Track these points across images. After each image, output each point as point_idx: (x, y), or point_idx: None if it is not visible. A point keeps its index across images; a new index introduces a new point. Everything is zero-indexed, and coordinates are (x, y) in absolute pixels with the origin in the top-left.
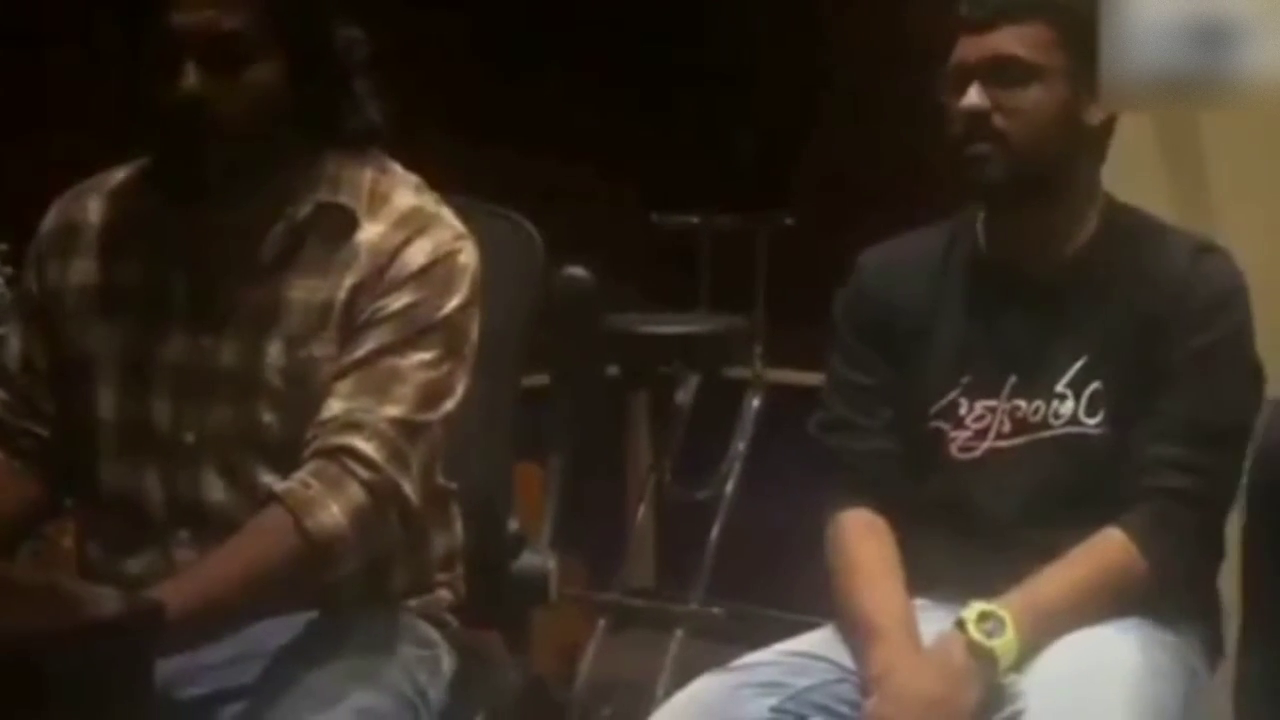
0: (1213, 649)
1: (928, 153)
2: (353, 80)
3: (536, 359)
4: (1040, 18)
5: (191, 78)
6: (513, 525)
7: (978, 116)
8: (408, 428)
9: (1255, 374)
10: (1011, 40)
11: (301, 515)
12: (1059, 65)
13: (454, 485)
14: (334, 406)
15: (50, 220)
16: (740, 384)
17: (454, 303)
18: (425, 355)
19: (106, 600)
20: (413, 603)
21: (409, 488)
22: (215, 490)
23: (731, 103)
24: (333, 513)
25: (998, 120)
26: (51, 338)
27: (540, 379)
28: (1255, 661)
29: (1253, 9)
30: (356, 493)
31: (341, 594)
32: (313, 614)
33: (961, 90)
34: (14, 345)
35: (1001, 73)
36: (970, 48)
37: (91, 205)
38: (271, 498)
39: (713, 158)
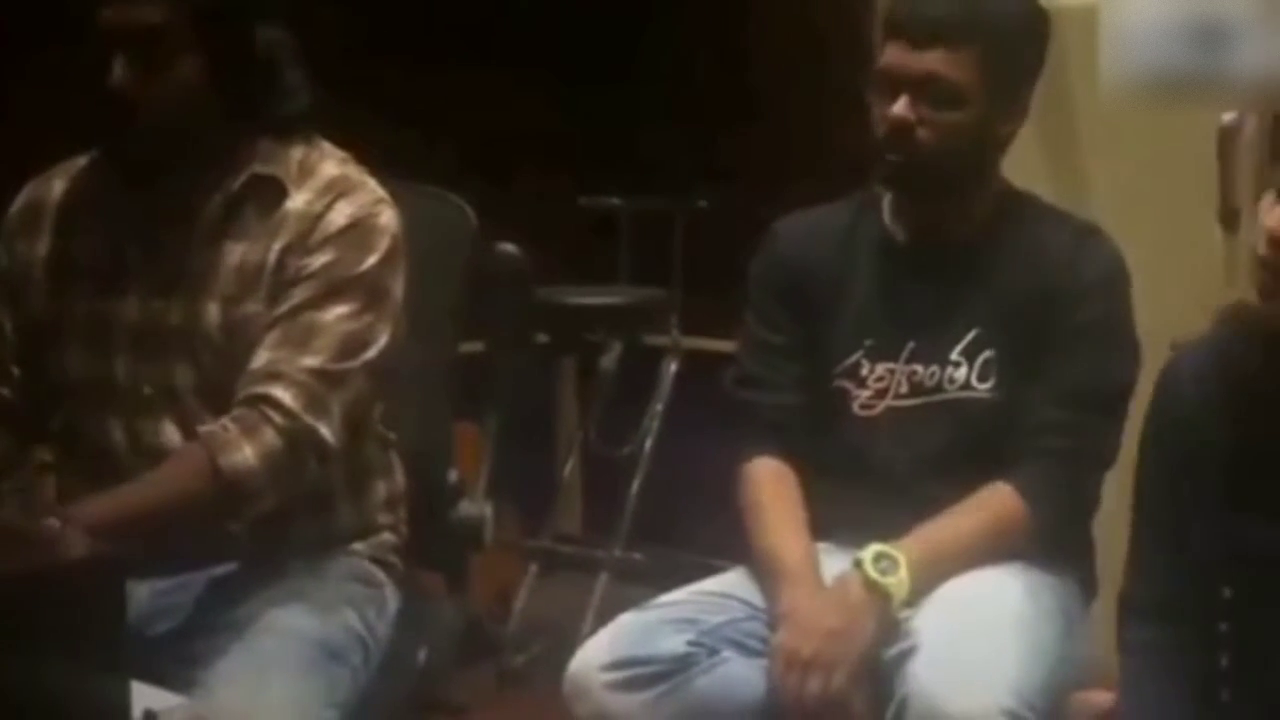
0: (1088, 589)
1: (829, 143)
2: (281, 72)
3: (473, 328)
4: (975, 42)
5: (118, 72)
6: (452, 477)
7: (903, 127)
8: (327, 376)
9: (1134, 346)
10: (943, 62)
11: (216, 454)
12: (983, 89)
13: (393, 435)
14: (260, 358)
15: (18, 203)
16: (659, 350)
17: (372, 260)
18: (344, 309)
19: (78, 542)
20: (360, 546)
21: (326, 431)
22: (172, 436)
23: (652, 97)
24: (245, 454)
25: (920, 133)
26: (21, 307)
27: (476, 346)
28: (1140, 583)
29: (1251, 9)
30: (271, 438)
31: (290, 535)
32: (267, 556)
33: (888, 96)
34: None
35: (931, 91)
36: (903, 59)
37: (55, 187)
38: (194, 437)
39: (634, 146)
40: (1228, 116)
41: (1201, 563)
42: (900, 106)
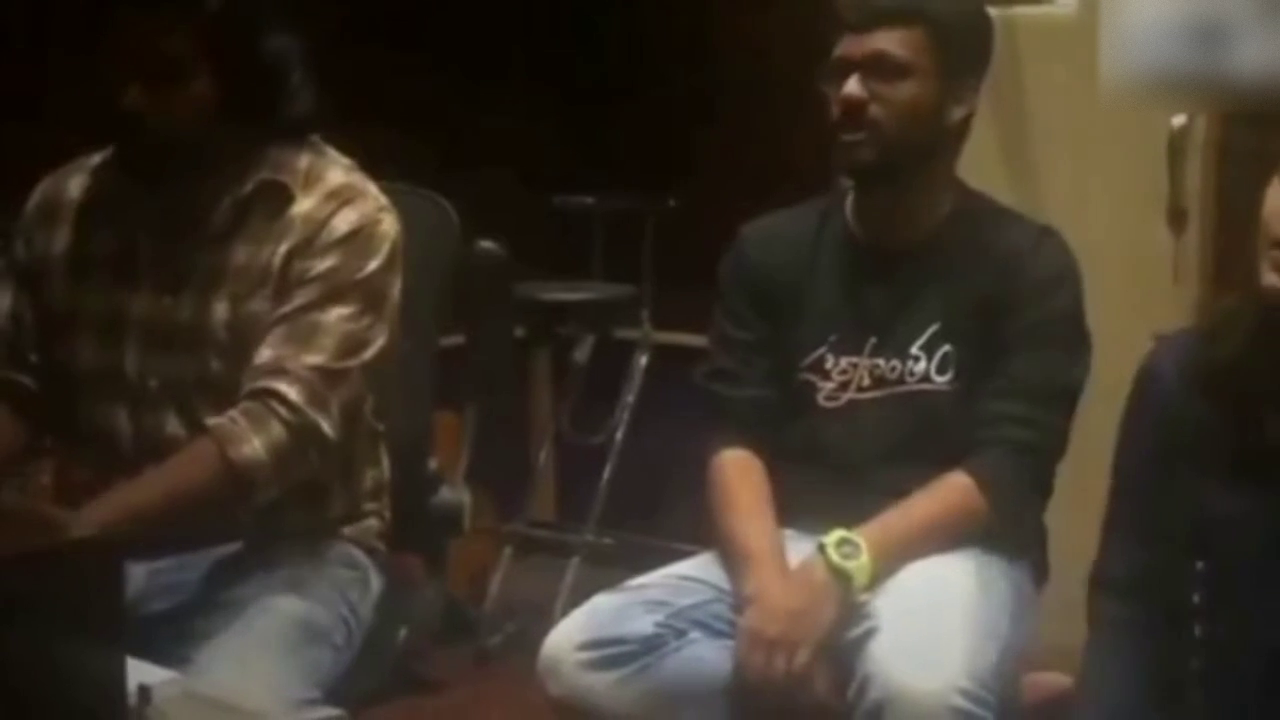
0: (1039, 573)
1: (795, 145)
2: (288, 78)
3: (453, 321)
4: (916, 22)
5: (134, 95)
6: (432, 465)
7: (855, 104)
8: (327, 374)
9: (1084, 343)
10: (888, 40)
11: (226, 446)
12: (929, 66)
13: (382, 426)
14: (264, 354)
15: (35, 197)
16: (630, 344)
17: (373, 265)
18: (346, 310)
19: (78, 523)
20: (347, 530)
21: (327, 426)
22: (175, 428)
23: (624, 103)
24: (254, 446)
25: (873, 110)
26: (37, 298)
27: (457, 339)
28: (1114, 561)
29: (1251, 9)
30: (277, 430)
31: (284, 521)
32: (260, 540)
33: (842, 82)
34: (3, 304)
35: (878, 68)
36: (852, 45)
37: (71, 185)
38: (203, 430)
39: (607, 148)
40: (1178, 120)
41: (1175, 538)
42: (851, 85)
